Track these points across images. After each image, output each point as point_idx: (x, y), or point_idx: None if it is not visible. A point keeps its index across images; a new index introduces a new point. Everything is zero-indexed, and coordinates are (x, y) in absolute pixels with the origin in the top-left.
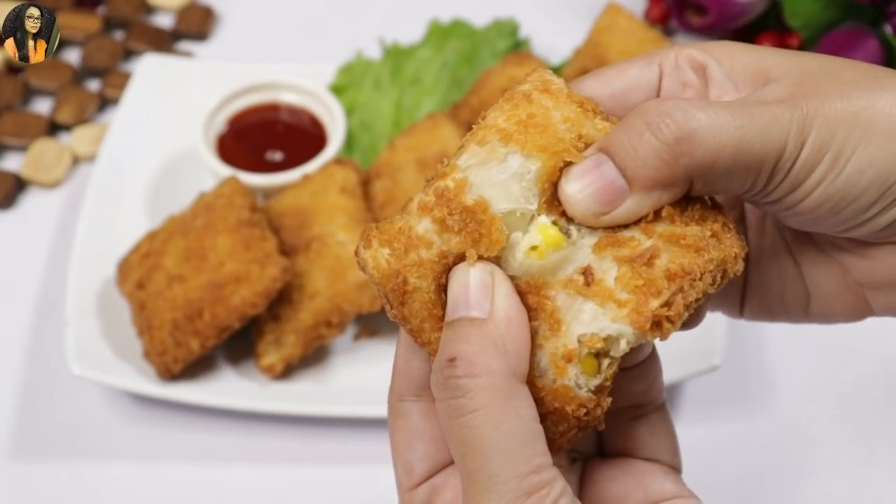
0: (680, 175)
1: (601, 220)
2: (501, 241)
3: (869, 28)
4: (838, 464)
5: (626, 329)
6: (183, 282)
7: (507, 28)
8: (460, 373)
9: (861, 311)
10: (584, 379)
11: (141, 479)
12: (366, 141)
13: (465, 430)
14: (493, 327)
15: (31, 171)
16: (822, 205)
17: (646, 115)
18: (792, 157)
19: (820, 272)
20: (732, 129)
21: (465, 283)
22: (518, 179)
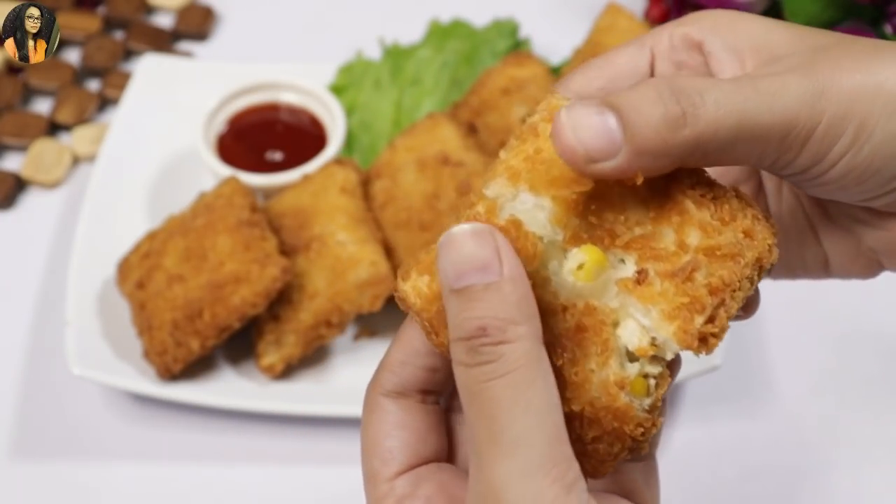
0: (678, 145)
1: (588, 167)
2: (537, 256)
3: (869, 28)
4: (838, 463)
5: (671, 344)
6: (183, 282)
7: (507, 28)
8: (493, 340)
9: (874, 269)
10: (639, 399)
11: (141, 479)
12: (366, 141)
13: (494, 391)
14: (511, 290)
15: (31, 171)
16: (847, 175)
17: (656, 84)
18: (808, 128)
19: (834, 239)
20: (737, 103)
21: (469, 247)
22: (538, 211)
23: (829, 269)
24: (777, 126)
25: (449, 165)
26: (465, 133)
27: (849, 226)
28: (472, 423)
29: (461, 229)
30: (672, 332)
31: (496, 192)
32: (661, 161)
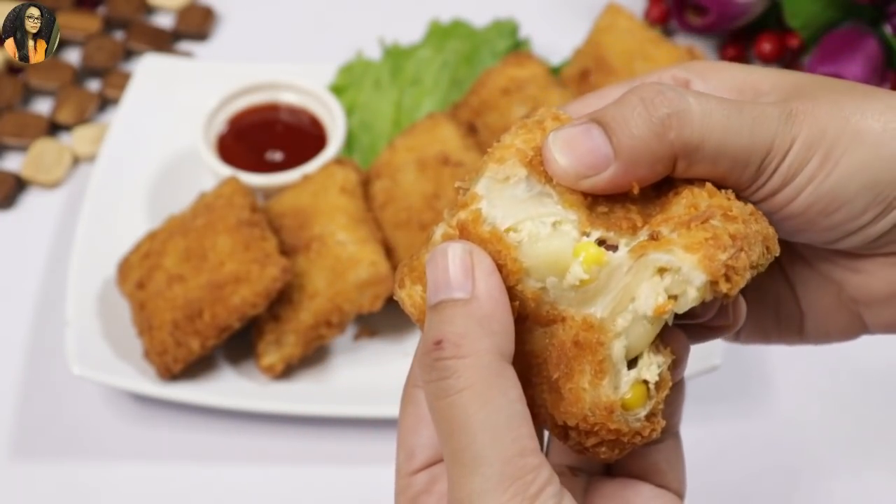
0: (666, 150)
1: (581, 184)
2: (518, 271)
3: (869, 28)
4: (838, 463)
5: (697, 275)
6: (183, 282)
7: (507, 28)
8: (447, 354)
9: (855, 330)
10: (635, 412)
11: (141, 478)
12: (366, 141)
13: (451, 409)
14: (477, 307)
15: (31, 171)
16: (813, 205)
17: (640, 92)
18: (781, 153)
19: (813, 291)
20: (721, 117)
21: (444, 265)
22: (546, 197)
23: (805, 328)
24: (756, 151)
25: (449, 165)
26: (465, 133)
27: (828, 272)
28: (439, 438)
29: (442, 248)
30: (697, 261)
31: (488, 186)
32: (652, 168)
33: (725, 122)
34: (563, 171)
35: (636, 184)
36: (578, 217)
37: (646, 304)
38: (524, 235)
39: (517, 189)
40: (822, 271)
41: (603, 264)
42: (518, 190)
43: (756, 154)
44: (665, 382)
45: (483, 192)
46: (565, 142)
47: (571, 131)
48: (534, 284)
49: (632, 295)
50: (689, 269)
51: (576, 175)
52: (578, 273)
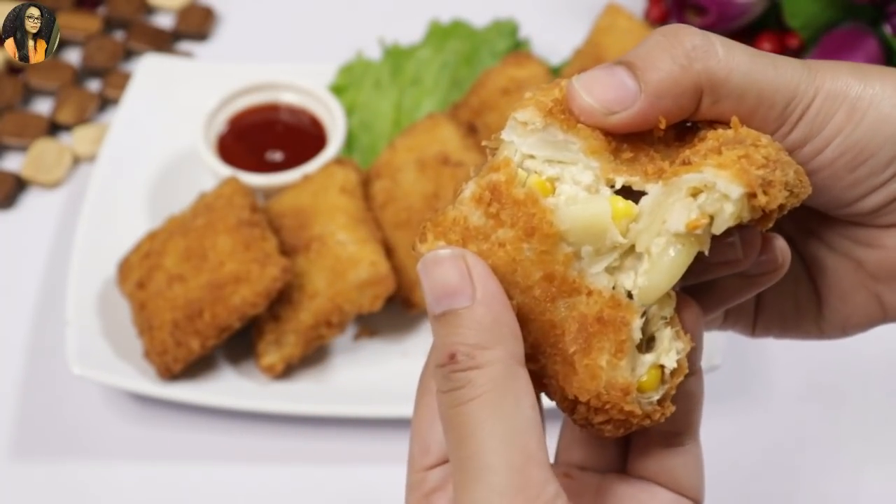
0: (692, 81)
1: (608, 120)
2: (553, 234)
3: (868, 28)
4: (837, 463)
5: (733, 188)
6: (183, 282)
7: (507, 28)
8: (462, 366)
9: (875, 314)
10: (648, 395)
11: (141, 478)
12: (366, 141)
13: (462, 417)
14: (483, 313)
15: (31, 171)
16: (840, 158)
17: (661, 30)
18: (805, 102)
19: (832, 271)
20: (745, 56)
21: (440, 274)
22: (570, 144)
23: (823, 315)
24: (780, 91)
25: (449, 165)
26: (464, 133)
27: (845, 249)
28: (448, 446)
29: (432, 255)
30: (732, 175)
31: (512, 136)
32: (678, 102)
33: (749, 60)
34: (590, 107)
35: (663, 118)
36: (601, 164)
37: (677, 222)
38: (561, 199)
39: (544, 134)
40: (839, 249)
41: (633, 217)
42: (545, 135)
43: (781, 94)
44: (682, 369)
45: (509, 137)
46: (590, 81)
47: (595, 72)
48: (566, 249)
49: (663, 219)
50: (724, 183)
51: (603, 110)
52: (615, 237)
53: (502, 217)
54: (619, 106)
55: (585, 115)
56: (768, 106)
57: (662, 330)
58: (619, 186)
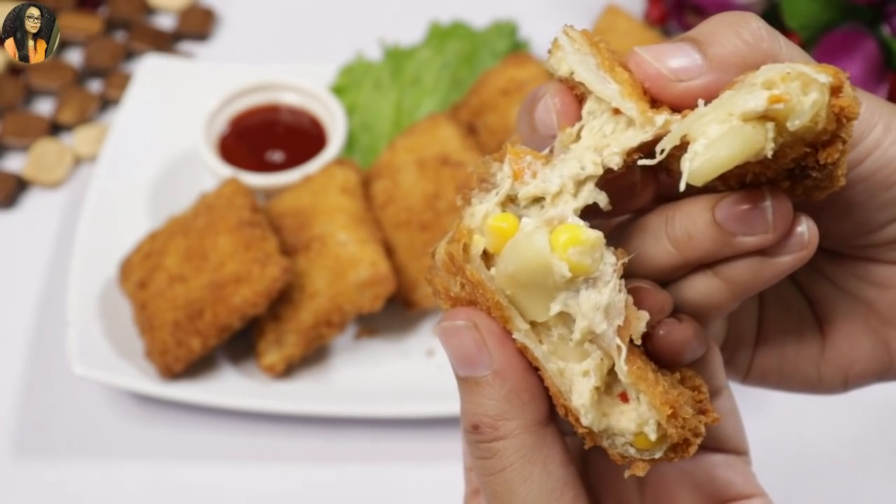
0: (758, 58)
1: (675, 87)
2: (505, 309)
3: (867, 29)
4: (836, 464)
5: (820, 75)
6: (184, 282)
7: (507, 29)
8: (486, 438)
9: (880, 361)
10: (650, 453)
11: (142, 477)
12: (366, 141)
13: (497, 485)
14: (501, 383)
15: (32, 171)
16: (877, 172)
17: (726, 13)
18: None
19: (840, 311)
20: (803, 58)
21: (458, 344)
22: (604, 81)
23: (826, 355)
24: None
25: (449, 166)
26: (464, 133)
27: (857, 290)
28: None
29: (450, 325)
30: (815, 68)
31: (568, 41)
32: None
33: (804, 61)
34: (657, 73)
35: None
36: (637, 105)
37: (755, 99)
38: (508, 245)
39: (588, 61)
40: (850, 289)
41: (589, 243)
42: (588, 62)
43: None
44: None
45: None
46: (657, 51)
47: (660, 45)
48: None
49: (729, 111)
50: (809, 71)
51: (671, 76)
52: (561, 271)
53: (467, 290)
54: (686, 75)
55: (652, 81)
56: None
57: (641, 398)
58: (659, 124)
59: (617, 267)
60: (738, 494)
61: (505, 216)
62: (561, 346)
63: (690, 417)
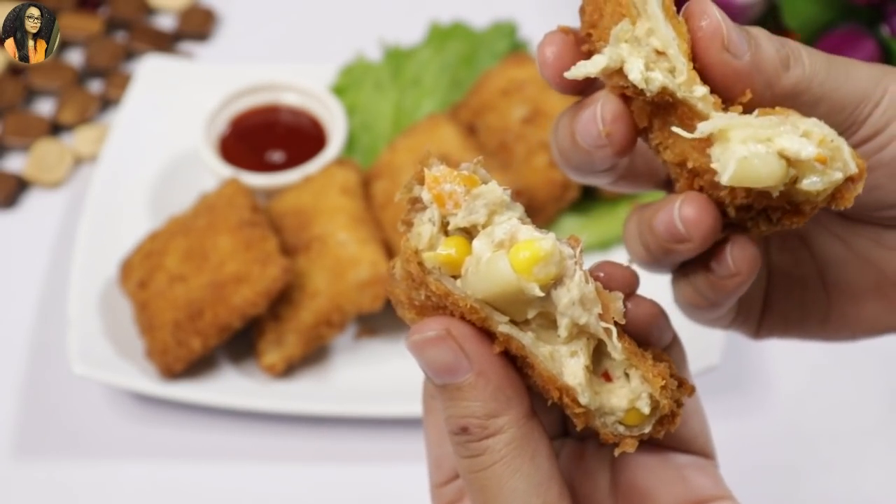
0: (782, 84)
1: (720, 55)
2: (481, 312)
3: (867, 29)
4: (836, 462)
5: (851, 162)
6: (184, 281)
7: (507, 29)
8: (476, 437)
9: (885, 322)
10: (639, 428)
11: (142, 477)
12: (366, 142)
13: (485, 480)
14: (484, 383)
15: (33, 171)
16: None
17: (763, 30)
18: (873, 102)
19: (849, 274)
20: (825, 65)
21: (433, 355)
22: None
23: (829, 318)
24: (850, 96)
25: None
26: (464, 134)
27: (869, 252)
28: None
29: (419, 338)
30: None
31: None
32: (766, 92)
33: (827, 68)
34: (714, 30)
35: (749, 92)
36: (686, 63)
37: (798, 145)
38: (469, 270)
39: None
40: (862, 253)
41: (549, 255)
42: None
43: (851, 99)
44: (662, 407)
45: None
46: (725, 15)
47: (726, 17)
48: (500, 317)
49: (767, 136)
50: (847, 153)
51: (724, 41)
52: (532, 291)
53: (434, 299)
54: (735, 49)
55: (706, 31)
56: (839, 110)
57: (632, 373)
58: (699, 95)
59: (577, 258)
60: (708, 496)
61: (451, 241)
62: (544, 333)
63: (675, 389)
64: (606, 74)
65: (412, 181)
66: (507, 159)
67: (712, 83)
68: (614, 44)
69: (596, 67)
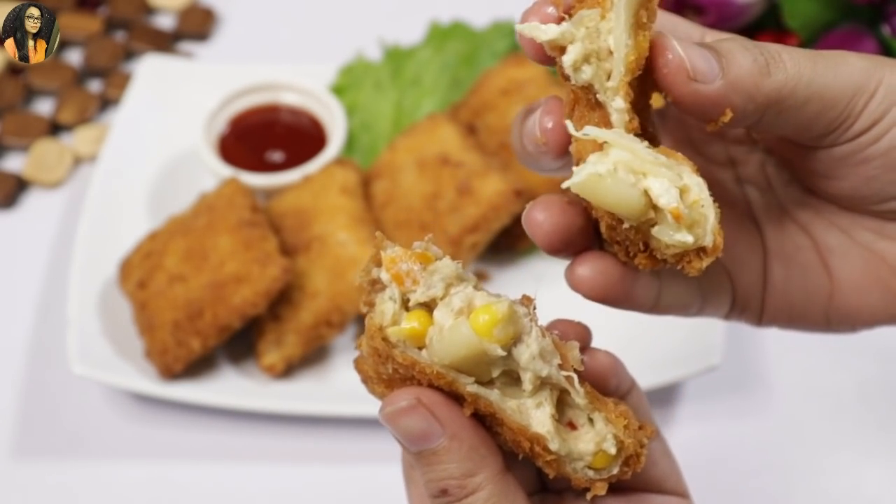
0: (762, 93)
1: (689, 85)
2: (448, 377)
3: (867, 29)
4: (836, 463)
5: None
6: (184, 282)
7: (507, 29)
8: (457, 497)
9: (886, 311)
10: (607, 470)
11: (142, 477)
12: (366, 141)
13: None
14: (458, 446)
15: (32, 171)
16: (893, 150)
17: (740, 40)
18: (869, 91)
19: (850, 262)
20: (809, 64)
21: (406, 425)
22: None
23: (832, 304)
24: (843, 90)
25: (449, 166)
26: (464, 133)
27: (870, 242)
28: None
29: (392, 410)
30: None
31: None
32: (748, 105)
33: (812, 67)
34: (680, 63)
35: (730, 111)
36: (625, 78)
37: (664, 197)
38: (434, 338)
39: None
40: (862, 241)
41: (505, 317)
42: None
43: (841, 95)
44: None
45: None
46: (684, 46)
47: (688, 43)
48: (465, 379)
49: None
50: (699, 235)
51: (690, 74)
52: (495, 352)
53: (402, 371)
54: (703, 77)
55: (670, 67)
56: (829, 108)
57: (596, 417)
58: (617, 105)
59: (531, 315)
60: None
61: (412, 315)
62: (509, 389)
63: (637, 430)
64: (552, 47)
65: (370, 264)
66: (507, 159)
67: (688, 113)
68: (575, 24)
69: (545, 35)
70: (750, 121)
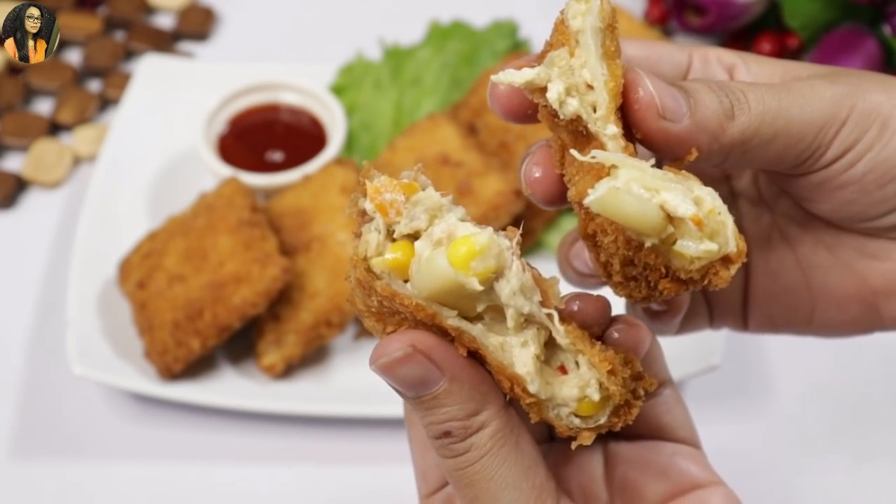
0: (727, 136)
1: (657, 122)
2: (430, 311)
3: (868, 29)
4: (836, 463)
5: (730, 240)
6: (184, 282)
7: (507, 28)
8: (459, 438)
9: (867, 324)
10: (594, 419)
11: (141, 478)
12: (366, 141)
13: (473, 475)
14: (459, 387)
15: (32, 171)
16: (870, 173)
17: (707, 81)
18: (839, 120)
19: (831, 279)
20: (772, 102)
21: (404, 373)
22: (600, 62)
23: (814, 318)
24: (810, 123)
25: (449, 165)
26: (464, 133)
27: (852, 260)
28: (463, 502)
29: (385, 360)
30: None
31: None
32: (712, 145)
33: (778, 104)
34: (650, 99)
35: (696, 150)
36: (609, 106)
37: (681, 207)
38: (415, 268)
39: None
40: (845, 260)
41: (483, 249)
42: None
43: (810, 128)
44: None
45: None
46: (654, 81)
47: (658, 80)
48: (447, 312)
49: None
50: (730, 231)
51: (658, 110)
52: (473, 286)
53: (386, 304)
54: (670, 115)
55: (641, 104)
56: (797, 141)
57: (581, 361)
58: (610, 132)
59: (513, 248)
60: (700, 482)
61: (396, 246)
62: (495, 325)
63: (628, 378)
64: (530, 90)
65: (357, 194)
66: (507, 159)
67: (656, 150)
68: (547, 65)
69: (521, 78)
70: (716, 160)
